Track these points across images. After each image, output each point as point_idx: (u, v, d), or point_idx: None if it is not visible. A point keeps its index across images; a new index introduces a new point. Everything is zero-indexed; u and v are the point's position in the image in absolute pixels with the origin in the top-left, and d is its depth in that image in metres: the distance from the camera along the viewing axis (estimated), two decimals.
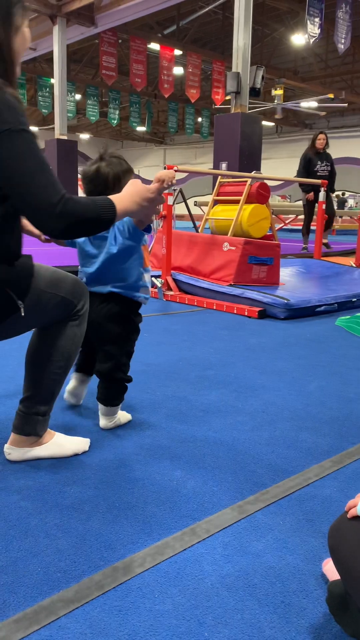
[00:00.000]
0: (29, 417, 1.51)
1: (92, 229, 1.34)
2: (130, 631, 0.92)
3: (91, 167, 1.68)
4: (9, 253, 1.37)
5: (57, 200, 1.22)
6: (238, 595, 1.01)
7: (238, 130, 9.65)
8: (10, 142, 1.21)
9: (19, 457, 1.52)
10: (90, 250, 1.72)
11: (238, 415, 1.89)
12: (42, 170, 1.23)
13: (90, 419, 1.82)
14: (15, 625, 0.92)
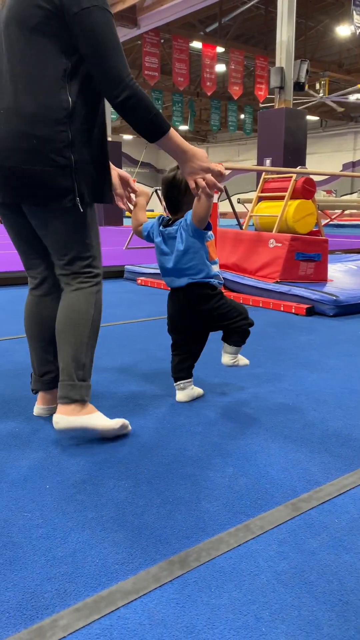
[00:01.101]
0: (64, 384, 1.60)
1: (142, 119, 1.51)
2: (188, 623, 0.93)
3: (169, 173, 1.89)
4: (92, 138, 1.57)
5: (126, 75, 1.47)
6: (294, 592, 1.01)
7: (282, 126, 9.55)
8: (91, 21, 1.44)
9: (67, 425, 1.58)
10: (164, 248, 1.94)
11: (289, 413, 1.88)
12: (120, 49, 1.48)
13: (151, 418, 1.85)
14: (77, 614, 0.95)
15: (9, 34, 1.51)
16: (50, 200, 1.54)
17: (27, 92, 1.48)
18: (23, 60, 1.49)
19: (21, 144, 1.49)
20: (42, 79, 1.49)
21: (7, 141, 1.50)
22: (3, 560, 1.09)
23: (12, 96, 1.50)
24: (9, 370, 2.34)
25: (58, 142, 1.49)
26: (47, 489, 1.36)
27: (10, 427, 1.74)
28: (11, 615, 0.95)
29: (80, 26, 1.44)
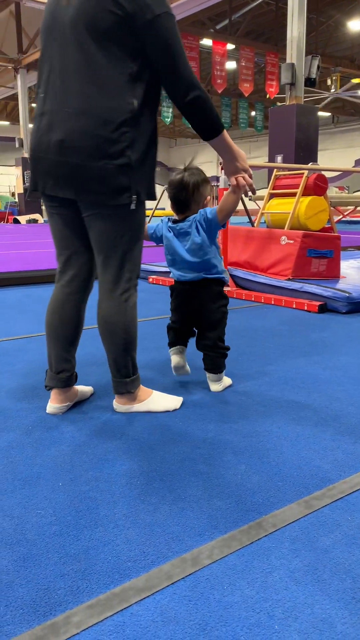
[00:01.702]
0: (117, 380, 1.81)
1: (205, 119, 1.66)
2: (200, 621, 0.93)
3: (177, 176, 1.97)
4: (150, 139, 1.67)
5: (194, 77, 1.60)
6: (307, 589, 1.01)
7: (293, 122, 9.49)
8: (163, 27, 1.53)
9: (122, 410, 1.83)
10: (177, 244, 2.02)
11: (301, 411, 1.87)
12: (184, 52, 1.60)
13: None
14: (89, 611, 0.95)
15: (76, 36, 1.56)
16: (109, 197, 1.62)
17: (96, 94, 1.56)
18: (92, 63, 1.55)
19: (87, 142, 1.56)
20: (110, 83, 1.56)
21: (74, 139, 1.57)
22: (17, 557, 1.10)
23: (80, 97, 1.57)
24: (20, 369, 2.36)
25: (121, 143, 1.58)
26: (59, 486, 1.37)
27: (23, 425, 1.75)
28: (25, 611, 0.95)
29: (153, 32, 1.53)
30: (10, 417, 1.82)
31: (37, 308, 3.80)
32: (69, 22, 1.57)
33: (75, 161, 1.58)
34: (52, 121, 1.61)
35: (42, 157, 1.64)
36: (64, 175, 1.61)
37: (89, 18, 1.53)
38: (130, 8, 1.50)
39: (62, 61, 1.59)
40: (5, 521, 1.22)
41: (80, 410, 1.87)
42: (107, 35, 1.53)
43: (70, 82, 1.58)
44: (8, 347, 2.72)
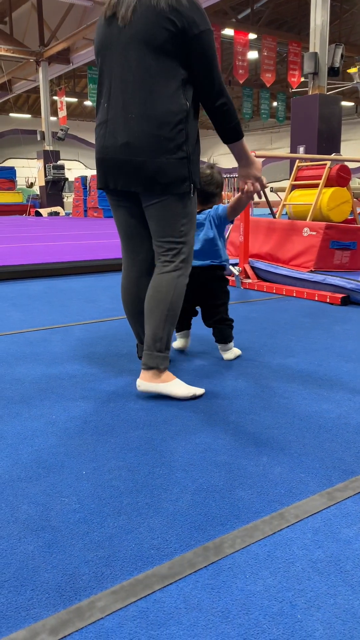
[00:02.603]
0: (150, 353, 1.90)
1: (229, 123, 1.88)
2: (223, 608, 0.94)
3: (207, 170, 2.28)
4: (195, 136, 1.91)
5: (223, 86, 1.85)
6: (330, 580, 1.01)
7: (316, 113, 9.37)
8: (205, 41, 1.79)
9: (145, 388, 1.91)
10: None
11: (323, 403, 1.86)
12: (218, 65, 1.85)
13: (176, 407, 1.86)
14: (114, 596, 0.97)
15: (136, 51, 1.80)
16: (172, 186, 1.85)
17: (155, 99, 1.80)
18: (149, 73, 1.80)
19: (151, 142, 1.80)
20: (166, 89, 1.80)
21: (139, 140, 1.81)
22: (42, 542, 1.12)
23: (141, 103, 1.80)
24: (45, 359, 2.39)
25: (179, 139, 1.83)
26: (83, 475, 1.39)
27: (46, 415, 1.78)
28: (50, 595, 0.97)
29: (197, 45, 1.78)
30: (34, 407, 1.84)
31: (61, 300, 3.84)
32: (127, 40, 1.81)
33: (142, 159, 1.82)
34: (117, 127, 1.84)
35: (111, 158, 1.87)
36: (131, 171, 1.85)
37: (147, 35, 1.77)
38: (181, 24, 1.75)
39: (123, 74, 1.83)
40: (31, 508, 1.25)
41: (102, 401, 1.89)
42: (162, 49, 1.78)
43: (130, 91, 1.82)
44: (32, 337, 2.76)
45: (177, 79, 1.81)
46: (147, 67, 1.79)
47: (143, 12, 1.77)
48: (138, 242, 2.05)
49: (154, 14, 1.75)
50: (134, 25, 1.79)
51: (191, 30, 1.76)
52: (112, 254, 5.68)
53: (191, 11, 1.76)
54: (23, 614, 0.93)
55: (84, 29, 15.06)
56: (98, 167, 1.95)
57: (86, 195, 16.23)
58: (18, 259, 5.25)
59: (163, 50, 1.77)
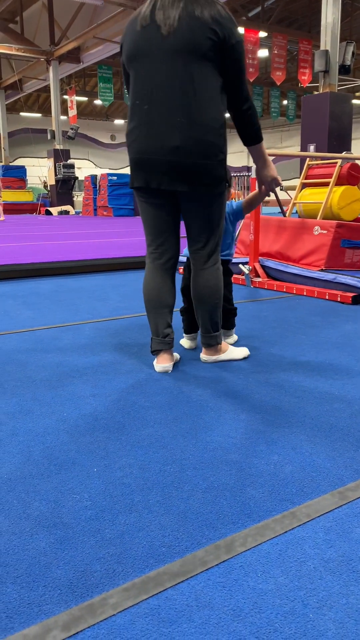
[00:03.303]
0: (210, 335, 2.26)
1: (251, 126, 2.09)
2: (234, 607, 0.94)
3: None
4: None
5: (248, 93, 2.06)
6: (342, 579, 1.00)
7: (327, 111, 9.32)
8: (239, 51, 1.98)
9: (210, 360, 2.29)
10: None
11: (334, 402, 1.85)
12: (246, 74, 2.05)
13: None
14: (125, 593, 0.97)
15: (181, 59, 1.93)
16: (214, 185, 2.05)
17: (201, 106, 1.96)
18: (195, 80, 1.94)
19: (199, 145, 1.98)
20: (210, 96, 1.97)
21: (188, 144, 1.97)
22: (54, 539, 1.13)
23: (189, 109, 1.95)
24: (55, 358, 2.39)
25: (220, 143, 2.03)
26: (94, 472, 1.39)
27: (57, 412, 1.79)
28: (62, 592, 0.98)
29: (233, 54, 1.96)
30: (45, 404, 1.85)
31: (70, 298, 3.85)
32: (172, 48, 1.93)
33: (190, 161, 1.98)
34: (163, 130, 1.97)
35: (156, 160, 2.00)
36: (179, 172, 2.00)
37: (192, 44, 1.91)
38: (222, 34, 1.92)
39: (167, 80, 1.95)
40: (42, 504, 1.25)
41: (112, 399, 1.90)
42: (205, 57, 1.93)
43: (177, 97, 1.95)
44: (43, 335, 2.77)
45: (216, 86, 1.98)
46: (191, 74, 1.93)
47: (188, 23, 1.91)
48: (167, 237, 2.20)
49: (198, 24, 1.91)
50: (179, 35, 1.92)
51: (230, 40, 1.94)
52: (122, 252, 5.69)
53: (230, 22, 1.95)
54: (35, 610, 0.94)
55: (95, 28, 15.08)
56: (138, 167, 2.06)
57: (96, 194, 16.26)
58: (28, 258, 5.27)
59: (206, 58, 1.93)
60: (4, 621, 0.91)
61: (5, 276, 4.78)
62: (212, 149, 1.99)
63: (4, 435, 1.61)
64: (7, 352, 2.48)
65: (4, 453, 1.50)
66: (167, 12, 1.94)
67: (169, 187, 2.03)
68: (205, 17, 1.90)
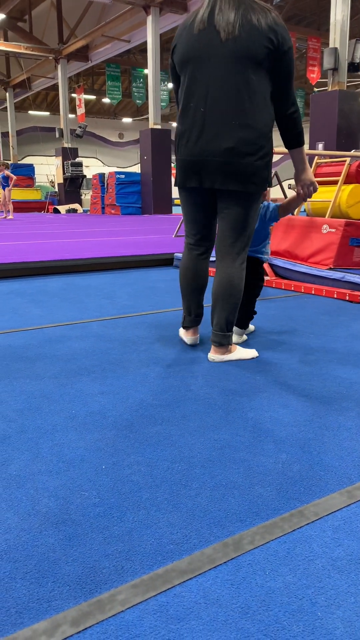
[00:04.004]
0: (222, 334, 2.30)
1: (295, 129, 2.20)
2: (242, 604, 0.94)
3: None
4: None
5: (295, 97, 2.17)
6: (350, 578, 1.00)
7: (335, 109, 9.29)
8: (290, 57, 2.08)
9: (219, 359, 2.30)
10: None
11: (343, 401, 1.85)
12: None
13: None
14: (134, 590, 0.98)
15: (238, 65, 2.04)
16: (261, 185, 2.18)
17: (255, 111, 2.08)
18: (250, 85, 2.06)
19: (250, 147, 2.10)
20: (262, 101, 2.09)
21: (242, 146, 2.09)
22: (63, 536, 1.13)
23: (244, 113, 2.07)
24: (64, 355, 2.40)
25: (268, 146, 2.15)
26: (103, 469, 1.40)
27: (67, 408, 1.79)
28: (72, 587, 0.98)
29: (285, 61, 2.06)
30: (54, 402, 1.86)
31: (78, 296, 3.86)
32: (229, 54, 2.04)
33: (244, 162, 2.11)
34: (220, 131, 2.09)
35: (210, 160, 2.13)
36: (233, 172, 2.12)
37: (250, 51, 2.02)
38: (276, 42, 2.02)
39: (223, 84, 2.06)
40: (51, 501, 1.26)
41: (120, 396, 1.90)
42: (260, 64, 2.04)
43: (233, 100, 2.06)
44: (51, 333, 2.78)
45: (267, 93, 2.10)
46: (248, 80, 2.05)
47: (247, 30, 2.01)
48: (206, 232, 2.41)
49: (256, 32, 2.01)
50: (238, 41, 2.02)
51: (282, 47, 2.04)
52: (130, 250, 5.70)
53: (283, 30, 2.05)
54: (45, 606, 0.94)
55: (103, 26, 15.10)
56: (191, 168, 2.19)
57: (104, 193, 16.28)
58: (37, 256, 5.29)
59: (261, 65, 2.04)
60: (14, 616, 0.92)
61: (14, 274, 4.80)
62: (261, 151, 2.12)
63: (12, 432, 1.62)
64: (16, 349, 2.49)
65: (13, 450, 1.51)
66: (225, 17, 2.04)
67: (221, 186, 2.15)
68: (262, 25, 2.01)
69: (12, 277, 4.78)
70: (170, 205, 15.29)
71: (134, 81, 17.80)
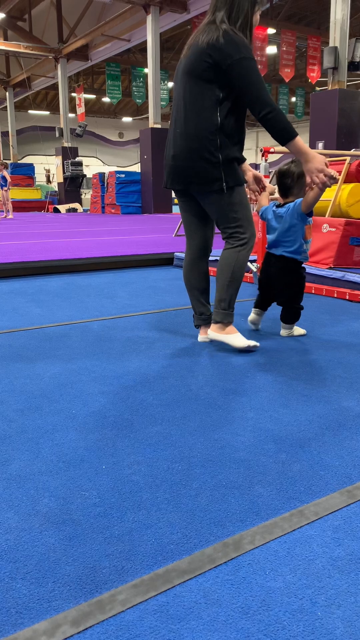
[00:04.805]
0: (216, 310, 2.42)
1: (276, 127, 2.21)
2: (243, 604, 0.94)
3: (284, 166, 2.60)
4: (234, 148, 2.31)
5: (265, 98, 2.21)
6: (350, 578, 1.00)
7: (335, 108, 9.28)
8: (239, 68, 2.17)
9: (212, 337, 2.44)
10: (273, 224, 2.63)
11: (343, 400, 1.85)
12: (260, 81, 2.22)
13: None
14: (134, 590, 0.98)
15: (185, 78, 2.28)
16: (207, 186, 2.31)
17: (192, 118, 2.26)
18: (191, 96, 2.26)
19: (190, 151, 2.28)
20: (201, 109, 2.24)
21: (179, 152, 2.32)
22: (63, 536, 1.13)
23: (184, 122, 2.29)
24: (64, 354, 2.40)
25: (211, 148, 2.25)
26: (103, 469, 1.40)
27: (66, 409, 1.79)
28: (72, 588, 0.98)
29: (233, 72, 2.18)
30: (54, 401, 1.86)
31: (79, 295, 3.86)
32: (181, 71, 2.32)
33: (185, 164, 2.31)
34: (171, 139, 2.38)
35: (166, 164, 2.42)
36: (179, 175, 2.36)
37: (192, 67, 2.25)
38: (217, 57, 2.18)
39: (177, 97, 2.35)
40: (51, 501, 1.26)
41: (121, 396, 1.90)
42: (201, 77, 2.23)
43: (181, 111, 2.31)
44: (52, 333, 2.78)
45: (212, 99, 2.23)
46: (190, 92, 2.27)
47: (192, 50, 2.26)
48: (193, 230, 2.55)
49: (197, 50, 2.23)
50: (186, 59, 2.29)
51: (225, 62, 2.17)
52: (130, 250, 5.70)
53: (227, 46, 2.16)
54: (45, 606, 0.94)
55: (103, 25, 15.08)
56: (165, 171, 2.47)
57: (104, 192, 16.28)
58: (37, 255, 5.29)
59: (202, 78, 2.23)
60: (14, 616, 0.92)
61: (15, 273, 4.80)
62: (203, 153, 2.26)
63: (13, 432, 1.62)
64: (16, 348, 2.49)
65: (13, 450, 1.51)
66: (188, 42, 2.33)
67: (171, 186, 2.43)
68: (204, 44, 2.20)
69: (12, 276, 4.78)
70: (171, 205, 15.28)
71: (134, 80, 17.78)
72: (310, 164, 2.26)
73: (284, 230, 2.56)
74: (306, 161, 2.27)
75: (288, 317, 2.67)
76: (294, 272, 2.62)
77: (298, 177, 2.54)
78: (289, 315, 2.67)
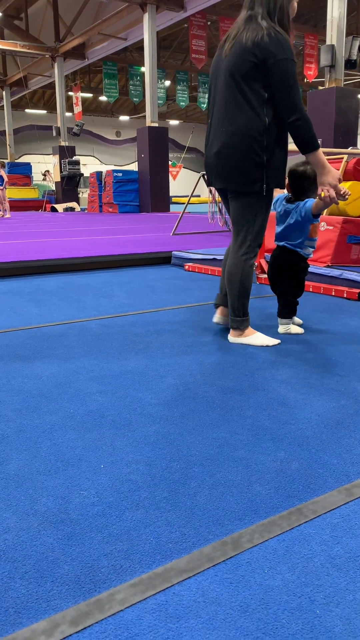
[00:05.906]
0: (232, 318, 2.53)
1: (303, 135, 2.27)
2: (241, 603, 0.94)
3: (300, 167, 2.61)
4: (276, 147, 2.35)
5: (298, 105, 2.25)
6: (349, 576, 1.00)
7: (332, 106, 9.27)
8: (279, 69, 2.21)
9: (233, 342, 2.53)
10: (281, 218, 2.69)
11: (341, 399, 1.85)
12: (296, 86, 2.26)
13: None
14: (133, 589, 0.98)
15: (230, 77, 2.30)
16: (247, 186, 2.35)
17: (238, 116, 2.30)
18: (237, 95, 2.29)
19: (232, 150, 2.33)
20: (248, 107, 2.28)
21: (224, 149, 2.35)
22: (61, 535, 1.13)
23: (230, 120, 2.31)
24: (62, 354, 2.40)
25: (257, 148, 2.30)
26: (101, 468, 1.40)
27: (65, 407, 1.79)
28: (70, 587, 0.98)
29: (273, 72, 2.22)
30: (52, 401, 1.86)
31: (76, 295, 3.86)
32: (224, 70, 2.34)
33: (226, 163, 2.36)
34: (213, 138, 2.41)
35: (208, 163, 2.48)
36: (219, 173, 2.41)
37: (236, 66, 2.27)
38: (261, 56, 2.21)
39: (220, 96, 2.37)
40: (50, 501, 1.26)
41: (118, 395, 1.90)
42: (247, 76, 2.26)
43: (222, 109, 2.35)
44: (49, 332, 2.78)
45: (258, 99, 2.28)
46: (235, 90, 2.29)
47: (236, 48, 2.28)
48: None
49: (241, 49, 2.25)
50: (229, 58, 2.31)
51: (268, 61, 2.21)
52: (128, 249, 5.69)
53: (272, 45, 2.20)
54: (44, 605, 0.94)
55: (99, 24, 15.06)
56: (206, 170, 2.54)
57: (101, 191, 16.26)
58: (35, 255, 5.28)
59: (248, 77, 2.26)
60: (13, 616, 0.92)
61: (12, 273, 4.79)
62: (249, 151, 2.30)
63: (11, 432, 1.62)
64: (14, 348, 2.49)
65: (11, 449, 1.51)
66: (229, 39, 2.36)
67: (214, 185, 2.48)
68: (248, 42, 2.23)
69: (10, 276, 4.77)
70: (168, 204, 15.26)
71: (131, 79, 17.76)
72: (325, 177, 2.31)
73: (289, 224, 2.62)
74: (321, 174, 2.32)
75: (282, 310, 2.69)
76: (293, 264, 2.66)
77: (313, 177, 2.54)
78: (282, 308, 2.69)
